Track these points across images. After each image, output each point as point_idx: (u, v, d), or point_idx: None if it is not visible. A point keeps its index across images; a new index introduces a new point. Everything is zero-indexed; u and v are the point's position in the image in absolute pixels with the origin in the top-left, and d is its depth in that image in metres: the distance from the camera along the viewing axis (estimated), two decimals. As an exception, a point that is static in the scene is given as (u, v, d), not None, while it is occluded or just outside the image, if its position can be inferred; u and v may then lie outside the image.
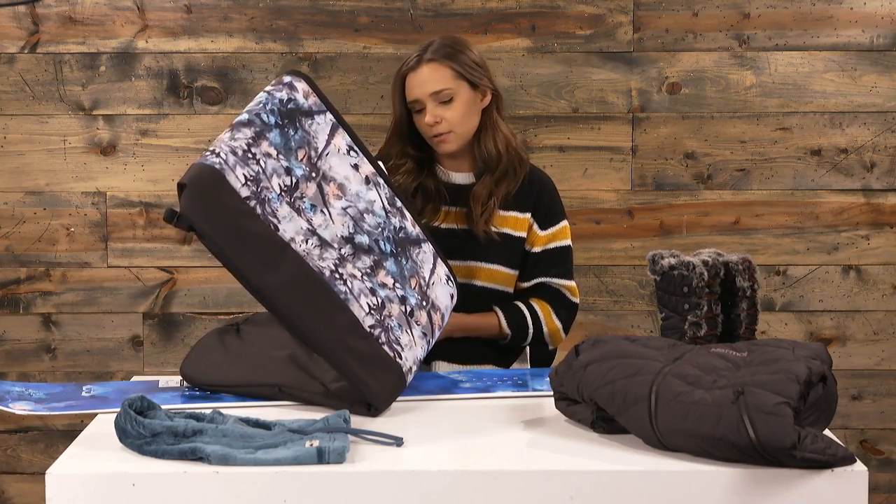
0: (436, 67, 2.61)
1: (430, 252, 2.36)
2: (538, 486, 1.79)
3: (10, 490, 3.58)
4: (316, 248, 2.17)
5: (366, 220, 2.27)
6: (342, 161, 2.29)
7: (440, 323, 2.32)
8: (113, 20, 3.46)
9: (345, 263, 2.19)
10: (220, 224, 2.08)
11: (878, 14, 3.46)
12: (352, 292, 2.16)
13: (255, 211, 2.11)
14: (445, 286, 2.36)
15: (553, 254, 2.70)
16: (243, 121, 2.19)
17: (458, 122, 2.61)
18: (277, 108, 2.23)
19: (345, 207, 2.25)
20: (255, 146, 2.17)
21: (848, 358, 3.54)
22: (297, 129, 2.24)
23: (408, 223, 2.34)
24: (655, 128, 3.50)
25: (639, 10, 3.46)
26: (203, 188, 2.08)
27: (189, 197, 2.07)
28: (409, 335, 2.21)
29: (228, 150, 2.14)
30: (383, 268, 2.25)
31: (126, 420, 1.86)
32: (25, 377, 3.52)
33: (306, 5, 3.46)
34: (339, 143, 2.30)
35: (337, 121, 2.32)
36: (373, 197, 2.30)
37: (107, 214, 3.51)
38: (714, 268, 2.16)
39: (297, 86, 2.28)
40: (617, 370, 1.92)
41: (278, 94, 2.25)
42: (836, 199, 3.52)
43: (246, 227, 2.09)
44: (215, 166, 2.10)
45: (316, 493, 1.78)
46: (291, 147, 2.22)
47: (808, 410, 1.82)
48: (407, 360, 2.17)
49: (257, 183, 2.14)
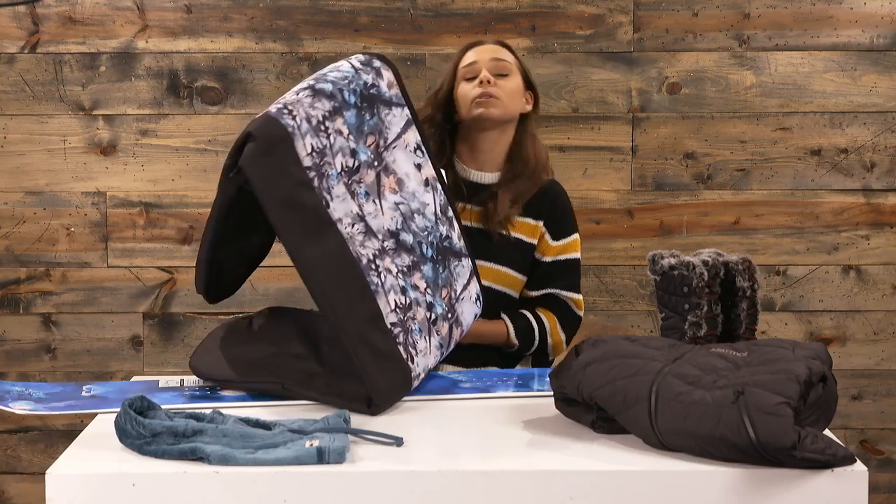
0: (502, 48, 2.73)
1: (468, 268, 2.37)
2: (538, 486, 1.79)
3: (10, 490, 3.58)
4: (360, 234, 2.16)
5: (415, 220, 2.27)
6: (407, 157, 2.29)
7: (458, 339, 2.34)
8: (113, 20, 3.46)
9: (384, 256, 2.19)
10: (275, 186, 2.06)
11: (878, 14, 3.46)
12: (383, 286, 2.15)
13: (313, 183, 2.10)
14: (473, 305, 2.37)
15: (563, 265, 2.71)
16: (326, 91, 2.18)
17: (507, 94, 2.67)
18: (361, 89, 2.23)
19: (397, 203, 2.25)
20: (330, 120, 2.16)
21: (848, 358, 3.54)
22: (374, 114, 2.24)
23: (454, 234, 2.35)
24: (655, 128, 3.50)
25: (639, 10, 3.46)
26: (269, 146, 2.06)
27: (254, 150, 2.05)
28: (427, 342, 2.21)
29: (304, 117, 2.12)
30: (419, 270, 2.25)
31: (126, 420, 1.86)
32: (25, 377, 3.52)
33: (306, 5, 3.46)
34: (409, 139, 2.30)
35: (412, 117, 2.32)
36: (427, 200, 2.30)
37: (107, 214, 3.51)
38: (714, 268, 2.16)
39: (384, 73, 2.29)
40: (617, 370, 1.92)
41: (364, 76, 2.25)
42: (836, 199, 3.52)
43: (299, 196, 2.07)
44: (288, 128, 2.09)
45: (316, 493, 1.78)
46: (363, 131, 2.22)
47: (808, 410, 1.82)
48: (417, 367, 2.17)
49: (322, 156, 2.13)
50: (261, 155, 2.05)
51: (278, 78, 3.47)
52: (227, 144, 3.48)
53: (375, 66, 2.28)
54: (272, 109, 2.13)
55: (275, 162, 2.06)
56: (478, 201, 2.68)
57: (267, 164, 2.05)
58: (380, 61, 2.30)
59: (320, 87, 2.18)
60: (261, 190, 2.05)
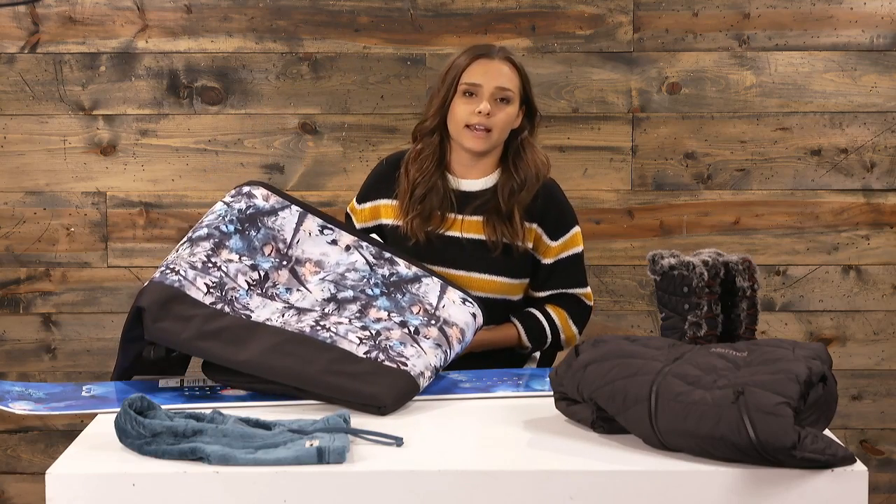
0: (512, 69, 2.65)
1: (436, 284, 2.41)
2: (538, 486, 1.79)
3: (10, 490, 3.58)
4: (293, 317, 2.26)
5: (348, 279, 2.37)
6: (315, 242, 2.41)
7: (459, 336, 2.34)
8: (113, 20, 3.46)
9: (328, 318, 2.27)
10: (183, 332, 2.18)
11: (878, 14, 3.46)
12: (337, 334, 2.22)
13: (224, 310, 2.22)
14: (462, 306, 2.39)
15: (567, 264, 2.69)
16: (202, 235, 2.33)
17: (501, 126, 2.62)
18: (237, 216, 2.37)
19: (323, 278, 2.36)
20: (214, 256, 2.31)
21: (848, 358, 3.54)
22: (260, 228, 2.38)
23: (400, 267, 2.42)
24: (655, 128, 3.50)
25: (639, 10, 3.46)
26: (162, 309, 2.20)
27: (152, 319, 2.18)
28: (416, 347, 2.22)
29: (188, 266, 2.27)
30: (373, 307, 2.33)
31: (126, 420, 1.86)
32: (25, 377, 3.52)
33: (306, 5, 3.46)
34: (310, 226, 2.42)
35: (304, 209, 2.44)
36: (354, 259, 2.40)
37: (107, 214, 3.51)
38: (714, 268, 2.16)
39: (256, 192, 2.43)
40: (617, 370, 1.92)
41: (237, 205, 2.39)
42: (836, 199, 3.52)
43: (212, 325, 2.19)
44: (175, 284, 2.23)
45: (316, 493, 1.78)
46: (256, 246, 2.36)
47: (808, 410, 1.82)
48: (416, 367, 2.17)
49: (221, 287, 2.27)
50: (159, 321, 2.19)
51: (278, 78, 3.47)
52: (227, 144, 3.48)
53: (245, 191, 2.43)
54: (156, 276, 2.27)
55: (174, 318, 2.19)
56: (470, 211, 2.66)
57: (166, 325, 2.19)
58: (248, 186, 2.44)
59: (196, 235, 2.34)
60: (173, 343, 2.20)
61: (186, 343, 2.18)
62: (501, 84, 2.61)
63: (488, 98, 2.60)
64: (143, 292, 2.23)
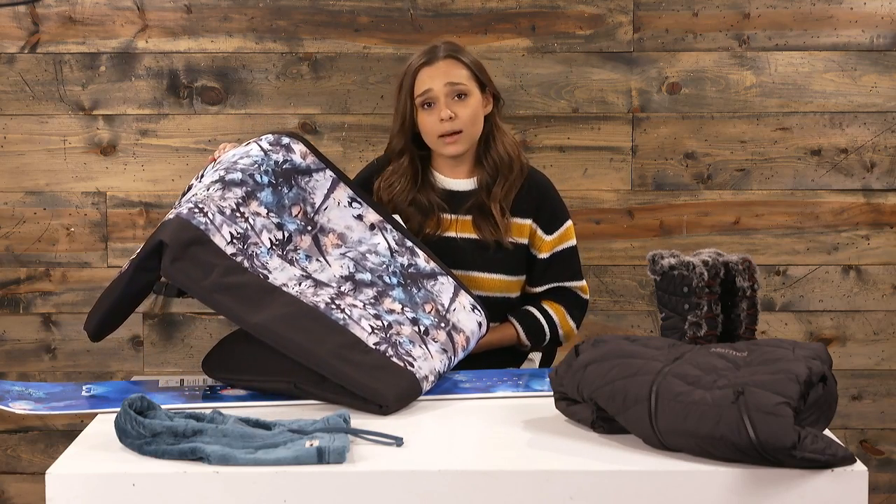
0: (453, 63, 2.64)
1: (450, 284, 2.40)
2: (538, 486, 1.79)
3: (10, 490, 3.58)
4: (310, 288, 2.23)
5: (368, 260, 2.34)
6: (342, 213, 2.38)
7: (464, 345, 2.34)
8: (113, 20, 3.46)
9: (343, 297, 2.25)
10: (202, 281, 2.14)
11: (878, 14, 3.46)
12: (351, 317, 2.20)
13: (243, 265, 2.19)
14: (471, 314, 2.39)
15: (562, 257, 2.70)
16: (236, 180, 2.28)
17: (469, 121, 2.61)
18: (272, 168, 2.32)
19: (344, 253, 2.33)
20: (244, 206, 2.26)
21: (848, 358, 3.54)
22: (293, 186, 2.34)
23: (419, 260, 2.39)
24: (655, 128, 3.50)
25: (639, 10, 3.46)
26: (183, 250, 2.14)
27: (171, 258, 2.14)
28: (424, 349, 2.22)
29: (216, 210, 2.22)
30: (389, 296, 2.30)
31: (126, 420, 1.86)
32: (25, 377, 3.52)
33: (306, 5, 3.46)
34: (340, 196, 2.39)
35: (338, 176, 2.40)
36: (377, 241, 2.37)
37: (107, 214, 3.51)
38: (714, 268, 2.16)
39: (295, 147, 2.38)
40: (617, 370, 1.92)
41: (274, 156, 2.34)
42: (836, 199, 3.52)
43: (231, 280, 2.15)
44: (201, 227, 2.18)
45: (316, 493, 1.78)
46: (285, 205, 2.32)
47: (808, 410, 1.82)
48: (421, 369, 2.17)
49: (245, 240, 2.22)
50: (178, 260, 2.14)
51: (278, 78, 3.47)
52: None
53: (284, 143, 2.38)
54: (183, 210, 2.21)
55: (194, 262, 2.15)
56: (465, 211, 2.66)
57: (186, 266, 2.14)
58: (288, 138, 2.39)
59: (230, 178, 2.28)
60: (189, 288, 2.15)
61: (203, 292, 2.14)
62: (450, 80, 2.61)
63: (445, 101, 2.60)
64: (167, 225, 2.18)
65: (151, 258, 2.17)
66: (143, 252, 2.19)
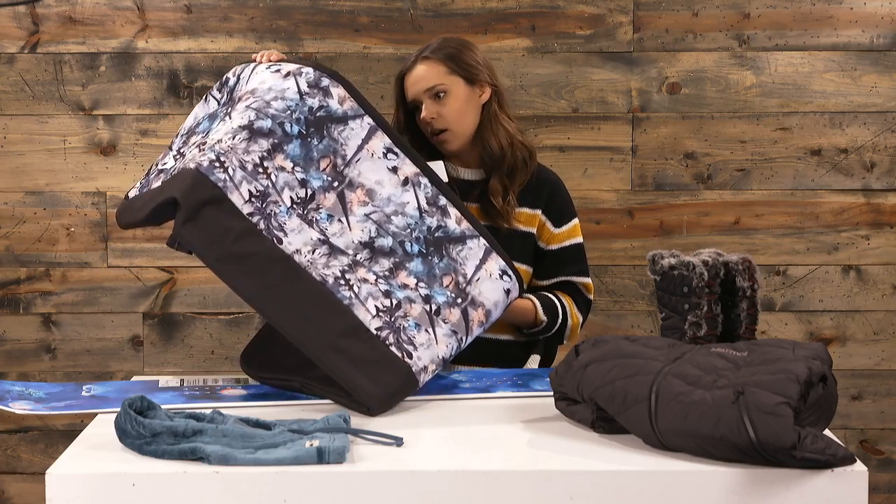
0: (430, 65, 2.64)
1: (481, 248, 2.32)
2: (538, 486, 1.79)
3: (10, 490, 3.58)
4: (324, 256, 2.16)
5: (392, 223, 2.25)
6: (375, 165, 2.26)
7: (482, 319, 2.29)
8: (113, 20, 3.46)
9: (356, 268, 2.17)
10: (213, 245, 2.07)
11: (878, 14, 3.46)
12: (358, 297, 2.14)
13: (258, 226, 2.10)
14: (497, 281, 2.32)
15: (570, 251, 2.72)
16: (264, 129, 2.17)
17: (453, 118, 2.63)
18: (305, 116, 2.21)
19: (368, 213, 2.24)
20: (268, 160, 2.15)
21: (848, 358, 3.54)
22: (324, 137, 2.22)
23: (450, 221, 2.31)
24: (655, 128, 3.50)
25: (639, 10, 3.46)
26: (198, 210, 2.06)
27: (184, 218, 2.06)
28: (430, 334, 2.19)
29: (238, 165, 2.12)
30: (405, 269, 2.23)
31: (126, 420, 1.86)
32: (25, 377, 3.52)
33: (306, 5, 3.46)
34: (375, 146, 2.27)
35: (377, 123, 2.28)
36: (407, 199, 2.28)
37: (107, 214, 3.51)
38: (714, 268, 2.16)
39: (333, 91, 2.26)
40: (617, 370, 1.92)
41: (310, 101, 2.23)
42: (836, 199, 3.52)
43: (241, 247, 2.08)
44: (218, 184, 2.09)
45: (316, 493, 1.78)
46: (313, 157, 2.20)
47: (808, 410, 1.82)
48: (420, 360, 2.15)
49: (264, 198, 2.12)
50: (191, 221, 2.05)
51: (278, 78, 3.47)
52: (227, 144, 3.48)
53: (323, 85, 2.26)
54: (203, 162, 2.10)
55: (209, 222, 2.06)
56: (473, 199, 2.68)
57: (199, 227, 2.06)
58: (329, 79, 2.27)
59: (258, 126, 2.17)
60: (199, 252, 2.08)
61: (209, 260, 2.07)
62: (423, 86, 2.63)
63: (426, 103, 2.62)
64: (183, 177, 2.10)
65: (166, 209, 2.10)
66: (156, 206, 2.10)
